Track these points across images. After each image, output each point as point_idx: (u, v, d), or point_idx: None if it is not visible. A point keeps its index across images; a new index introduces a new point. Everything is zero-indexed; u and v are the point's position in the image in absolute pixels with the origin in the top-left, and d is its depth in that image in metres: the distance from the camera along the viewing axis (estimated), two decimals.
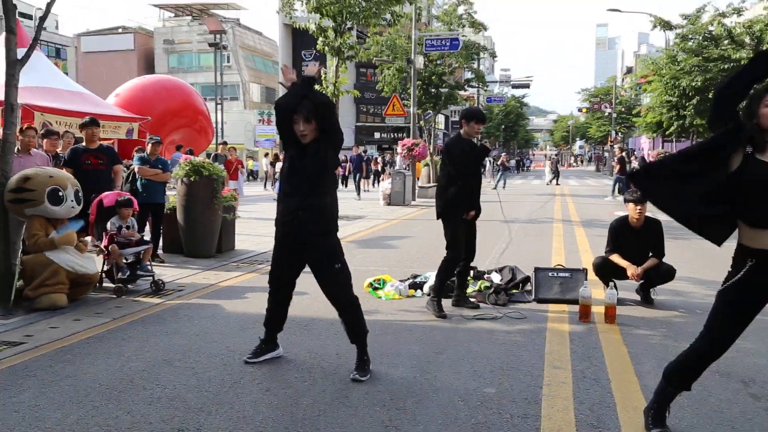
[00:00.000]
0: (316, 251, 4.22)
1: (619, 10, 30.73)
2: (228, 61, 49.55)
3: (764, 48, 21.75)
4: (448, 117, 55.27)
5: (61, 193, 6.13)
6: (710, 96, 22.36)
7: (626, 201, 6.46)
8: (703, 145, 3.09)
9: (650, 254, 6.28)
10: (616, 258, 6.33)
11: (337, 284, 4.27)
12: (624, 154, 25.69)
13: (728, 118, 3.02)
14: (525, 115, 79.30)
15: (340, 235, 4.38)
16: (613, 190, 23.07)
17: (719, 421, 3.58)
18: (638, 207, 6.28)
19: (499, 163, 35.55)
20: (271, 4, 15.34)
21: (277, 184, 20.70)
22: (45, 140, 8.43)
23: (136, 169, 8.53)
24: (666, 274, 6.29)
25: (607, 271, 6.37)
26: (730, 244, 3.16)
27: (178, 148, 17.22)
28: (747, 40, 22.75)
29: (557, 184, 30.37)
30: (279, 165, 25.34)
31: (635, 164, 25.90)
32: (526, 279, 6.85)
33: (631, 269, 6.18)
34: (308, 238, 4.18)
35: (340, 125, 4.41)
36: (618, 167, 23.88)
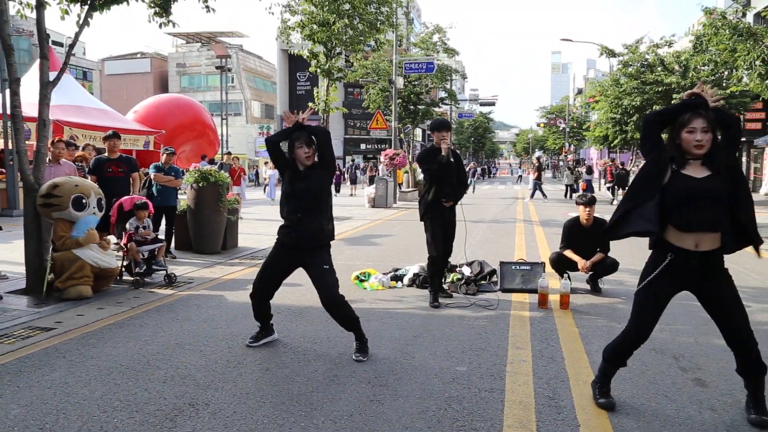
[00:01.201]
0: (312, 261, 4.17)
1: (571, 40, 31.02)
2: (232, 82, 49.25)
3: (690, 74, 22.07)
4: (425, 130, 55.36)
5: (84, 201, 6.06)
6: (647, 113, 22.70)
7: (577, 204, 6.51)
8: (644, 175, 3.18)
9: (598, 249, 6.34)
10: (569, 253, 6.38)
11: (326, 284, 4.16)
12: (539, 162, 26.38)
13: (653, 141, 3.18)
14: (491, 128, 79.63)
15: None
16: (532, 194, 23.64)
17: (654, 391, 3.63)
18: (587, 209, 6.35)
19: (467, 170, 35.58)
20: (270, 32, 15.41)
21: (268, 188, 20.73)
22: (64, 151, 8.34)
23: (152, 176, 8.47)
24: (611, 266, 6.36)
25: (561, 265, 6.42)
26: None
27: (202, 158, 17.17)
28: (676, 67, 23.14)
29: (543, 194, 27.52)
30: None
31: (583, 170, 26.25)
32: (493, 271, 6.88)
33: (582, 262, 6.25)
34: (306, 252, 4.17)
35: (333, 151, 4.34)
36: (536, 174, 24.44)
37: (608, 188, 24.65)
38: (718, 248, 3.05)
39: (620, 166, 25.03)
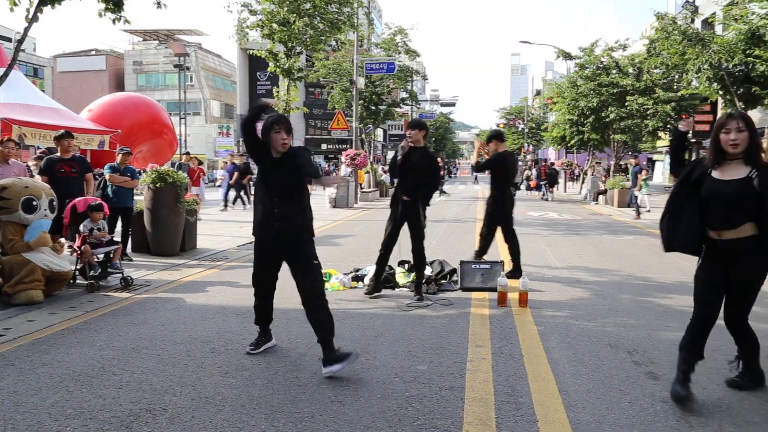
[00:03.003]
0: (296, 254, 4.07)
1: (530, 42, 31.51)
2: (191, 81, 48.41)
3: (644, 77, 22.71)
4: (386, 131, 55.52)
5: (35, 203, 5.86)
6: (603, 114, 23.26)
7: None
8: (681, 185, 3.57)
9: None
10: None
11: (315, 279, 4.06)
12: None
13: (681, 164, 3.69)
14: (452, 129, 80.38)
15: None
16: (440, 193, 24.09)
17: (609, 384, 3.72)
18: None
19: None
20: (230, 31, 15.12)
21: (222, 189, 20.27)
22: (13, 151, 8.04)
23: (107, 177, 8.25)
24: None
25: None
26: (616, 240, 3.32)
27: (200, 163, 17.42)
28: (630, 70, 23.80)
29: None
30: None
31: (532, 173, 27.14)
32: (453, 270, 6.94)
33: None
34: (287, 244, 4.06)
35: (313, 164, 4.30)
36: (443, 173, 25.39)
37: (543, 185, 25.83)
38: (740, 237, 3.33)
39: (551, 166, 27.01)
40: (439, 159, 37.81)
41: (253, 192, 4.25)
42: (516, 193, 7.77)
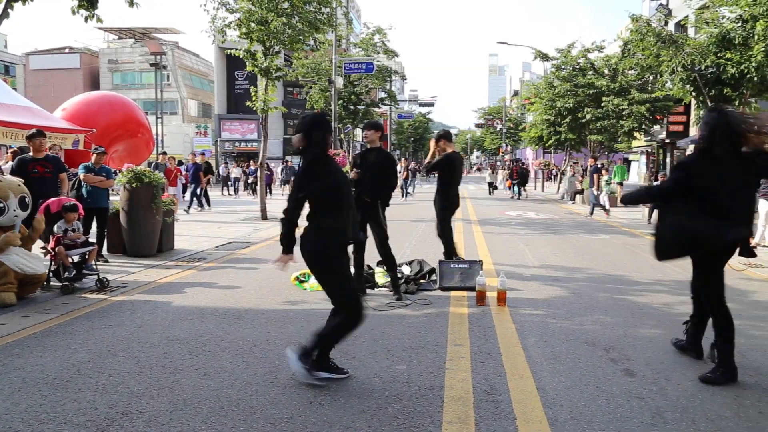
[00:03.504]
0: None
1: (507, 43, 31.78)
2: (168, 80, 47.82)
3: (619, 78, 23.05)
4: None
5: (1, 205, 5.73)
6: (579, 115, 23.55)
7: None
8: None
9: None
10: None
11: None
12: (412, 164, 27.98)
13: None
14: (430, 129, 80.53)
15: (270, 234, 4.29)
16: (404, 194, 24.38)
17: (587, 382, 3.77)
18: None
19: (408, 169, 35.87)
20: (206, 28, 14.89)
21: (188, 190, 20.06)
22: None
23: (81, 177, 8.11)
24: None
25: None
26: (592, 239, 3.36)
27: (180, 164, 17.56)
28: (606, 71, 24.14)
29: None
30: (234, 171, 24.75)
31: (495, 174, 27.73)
32: (432, 270, 6.97)
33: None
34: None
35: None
36: (404, 174, 25.61)
37: (513, 185, 26.47)
38: None
39: (523, 166, 27.87)
40: (403, 160, 37.52)
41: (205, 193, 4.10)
42: (494, 193, 7.87)
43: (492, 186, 28.84)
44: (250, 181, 27.56)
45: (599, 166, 17.87)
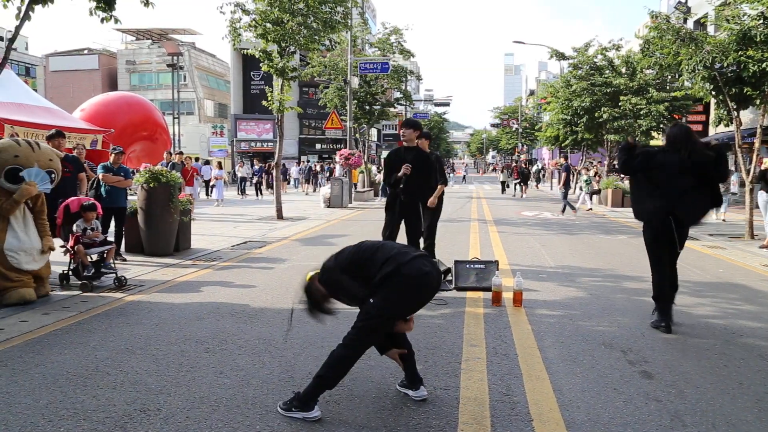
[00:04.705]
0: None
1: (523, 42, 31.65)
2: (184, 80, 48.23)
3: (637, 76, 22.79)
4: (380, 130, 55.50)
5: (22, 172, 5.72)
6: (596, 114, 23.36)
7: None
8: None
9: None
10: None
11: None
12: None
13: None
14: (446, 129, 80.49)
15: (286, 234, 4.32)
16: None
17: (604, 384, 3.73)
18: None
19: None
20: (223, 30, 15.03)
21: (216, 190, 20.50)
22: None
23: (100, 177, 8.21)
24: None
25: None
26: (610, 239, 3.33)
27: (206, 162, 17.33)
28: (623, 69, 23.86)
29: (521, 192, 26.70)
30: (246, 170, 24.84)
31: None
32: (448, 270, 6.94)
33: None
34: None
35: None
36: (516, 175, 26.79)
37: (515, 185, 26.98)
38: None
39: (524, 166, 28.86)
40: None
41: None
42: (506, 192, 7.86)
43: (505, 185, 29.25)
44: (254, 180, 27.23)
45: (569, 164, 18.11)
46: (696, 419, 3.23)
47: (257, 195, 25.16)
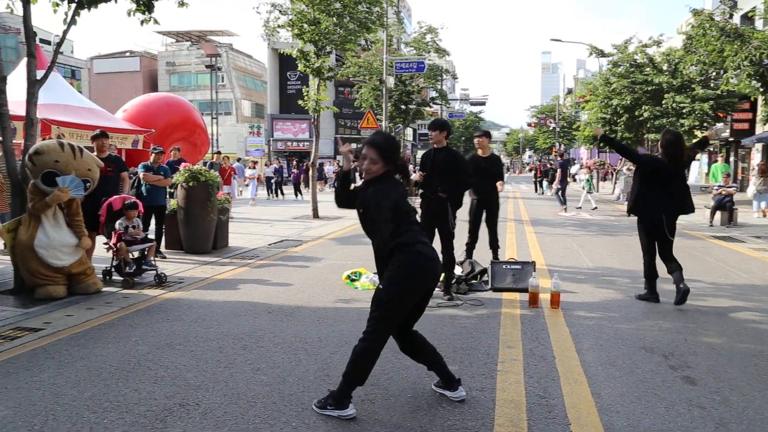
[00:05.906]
0: None
1: (561, 40, 31.16)
2: (222, 81, 49.05)
3: (680, 74, 22.16)
4: (416, 130, 55.39)
5: (57, 178, 5.84)
6: (637, 113, 22.82)
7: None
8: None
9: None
10: None
11: None
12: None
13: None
14: (481, 128, 79.88)
15: (321, 233, 4.34)
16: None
17: (644, 389, 3.65)
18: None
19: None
20: (260, 31, 15.20)
21: (250, 188, 20.67)
22: None
23: (141, 176, 8.42)
24: None
25: None
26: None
27: (238, 160, 19.21)
28: (665, 66, 23.24)
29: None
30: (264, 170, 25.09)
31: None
32: (484, 271, 6.90)
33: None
34: None
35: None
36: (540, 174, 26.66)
37: (534, 183, 27.62)
38: None
39: (548, 165, 29.23)
40: None
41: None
42: (543, 193, 7.82)
43: (539, 184, 29.52)
44: (273, 180, 24.64)
45: (565, 161, 17.94)
46: (742, 428, 3.13)
47: (296, 195, 23.84)
